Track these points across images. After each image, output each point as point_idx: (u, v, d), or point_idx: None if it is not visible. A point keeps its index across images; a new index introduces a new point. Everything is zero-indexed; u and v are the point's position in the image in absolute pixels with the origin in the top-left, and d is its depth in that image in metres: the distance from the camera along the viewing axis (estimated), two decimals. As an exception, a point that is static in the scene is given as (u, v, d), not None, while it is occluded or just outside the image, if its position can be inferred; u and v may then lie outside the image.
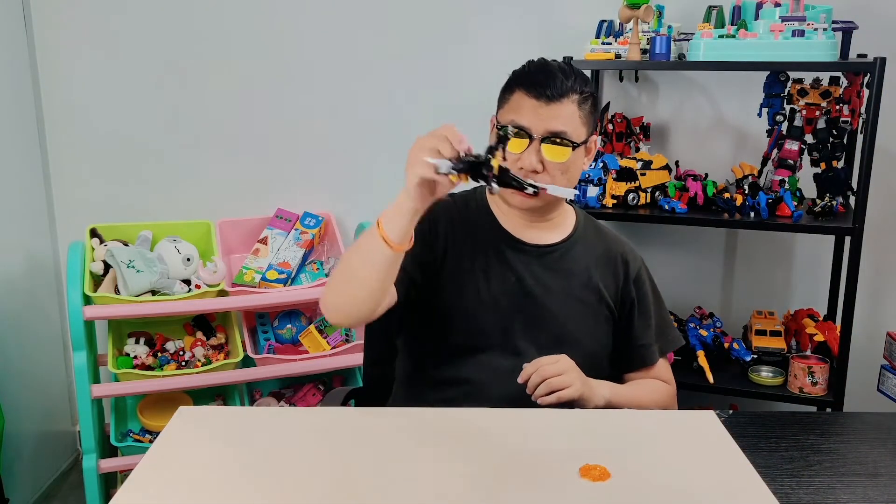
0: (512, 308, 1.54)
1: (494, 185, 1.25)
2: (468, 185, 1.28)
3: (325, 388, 2.65)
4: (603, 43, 2.33)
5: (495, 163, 1.25)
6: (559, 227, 1.61)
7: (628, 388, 1.59)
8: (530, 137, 1.46)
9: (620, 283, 1.62)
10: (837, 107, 2.27)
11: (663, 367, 1.67)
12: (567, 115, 1.47)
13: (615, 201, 2.31)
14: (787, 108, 2.31)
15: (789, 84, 2.29)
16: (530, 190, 1.33)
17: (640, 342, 1.63)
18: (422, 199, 1.29)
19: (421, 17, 2.60)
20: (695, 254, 2.65)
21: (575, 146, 1.48)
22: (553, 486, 1.17)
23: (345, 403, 1.73)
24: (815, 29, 2.08)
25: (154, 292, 2.35)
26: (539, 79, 1.48)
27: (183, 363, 2.44)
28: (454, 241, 1.56)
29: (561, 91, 1.47)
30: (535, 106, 1.47)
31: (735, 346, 2.39)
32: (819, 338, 2.35)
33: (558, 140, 1.46)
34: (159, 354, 2.47)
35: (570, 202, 1.67)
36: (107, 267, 2.38)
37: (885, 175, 2.38)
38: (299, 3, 2.62)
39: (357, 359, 2.36)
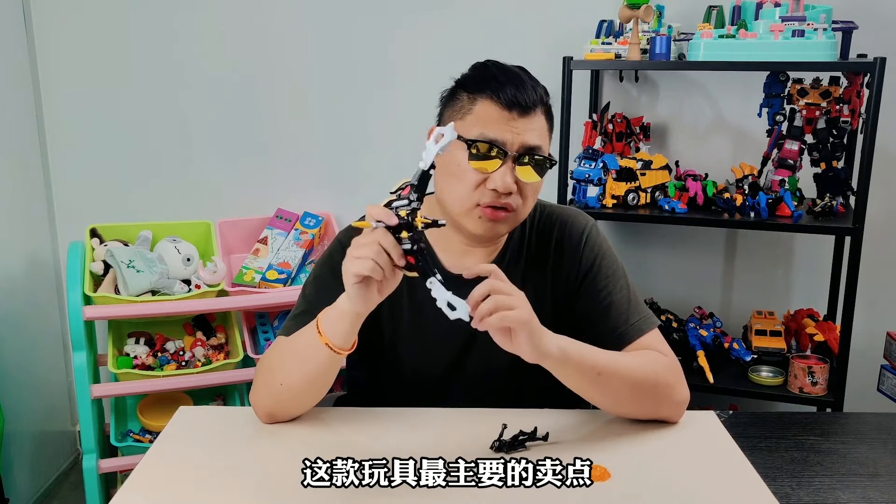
0: (454, 354, 1.43)
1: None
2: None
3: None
4: (603, 43, 2.33)
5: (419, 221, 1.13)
6: (500, 247, 1.45)
7: (603, 351, 1.30)
8: (504, 154, 1.30)
9: (572, 278, 1.43)
10: (837, 107, 2.27)
11: (653, 339, 1.40)
12: (539, 128, 1.33)
13: (615, 201, 2.31)
14: (787, 108, 2.31)
15: (789, 84, 2.29)
16: (439, 277, 1.13)
17: (611, 326, 1.39)
18: (364, 301, 1.17)
19: (421, 17, 2.60)
20: (695, 254, 2.65)
21: (551, 164, 1.34)
22: (553, 485, 1.17)
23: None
24: (815, 29, 2.08)
25: (154, 292, 2.35)
26: (509, 86, 1.31)
27: (183, 363, 2.44)
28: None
29: (533, 100, 1.31)
30: (506, 118, 1.30)
31: (735, 346, 2.39)
32: (819, 338, 2.34)
33: (535, 158, 1.31)
34: (159, 354, 2.47)
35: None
36: (107, 267, 2.38)
37: (885, 175, 2.38)
38: (299, 3, 2.62)
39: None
